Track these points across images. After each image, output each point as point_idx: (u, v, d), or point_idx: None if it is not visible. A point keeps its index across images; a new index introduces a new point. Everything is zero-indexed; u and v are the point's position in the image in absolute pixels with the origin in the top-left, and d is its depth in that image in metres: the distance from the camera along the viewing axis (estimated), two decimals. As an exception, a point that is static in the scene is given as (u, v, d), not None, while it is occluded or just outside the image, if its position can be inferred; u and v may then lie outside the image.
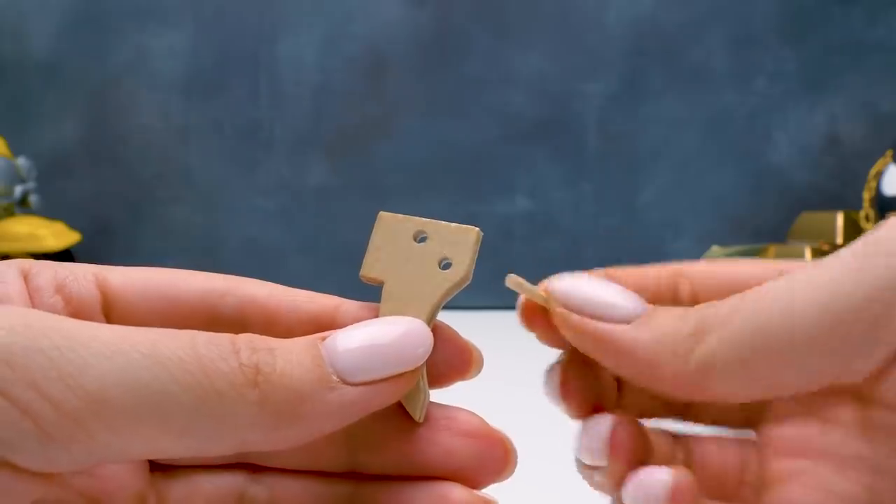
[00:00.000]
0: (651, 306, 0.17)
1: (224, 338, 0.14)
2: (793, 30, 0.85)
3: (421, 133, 0.85)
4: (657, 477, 0.17)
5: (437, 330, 0.18)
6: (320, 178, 0.85)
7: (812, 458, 0.19)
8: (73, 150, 0.85)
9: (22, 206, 0.76)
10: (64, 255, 0.75)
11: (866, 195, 0.71)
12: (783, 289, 0.16)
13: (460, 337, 0.18)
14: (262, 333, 0.17)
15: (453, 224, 0.18)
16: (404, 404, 0.17)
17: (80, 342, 0.13)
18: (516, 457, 0.17)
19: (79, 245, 0.78)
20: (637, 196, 0.86)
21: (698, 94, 0.86)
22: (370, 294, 0.18)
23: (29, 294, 0.16)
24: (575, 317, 0.17)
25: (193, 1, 0.84)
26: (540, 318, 0.18)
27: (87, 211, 0.85)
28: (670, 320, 0.17)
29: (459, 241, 0.18)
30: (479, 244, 0.18)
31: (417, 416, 0.17)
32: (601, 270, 0.20)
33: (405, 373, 0.16)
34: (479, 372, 0.18)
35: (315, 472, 0.18)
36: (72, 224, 0.78)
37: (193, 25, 0.84)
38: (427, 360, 0.17)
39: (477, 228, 0.18)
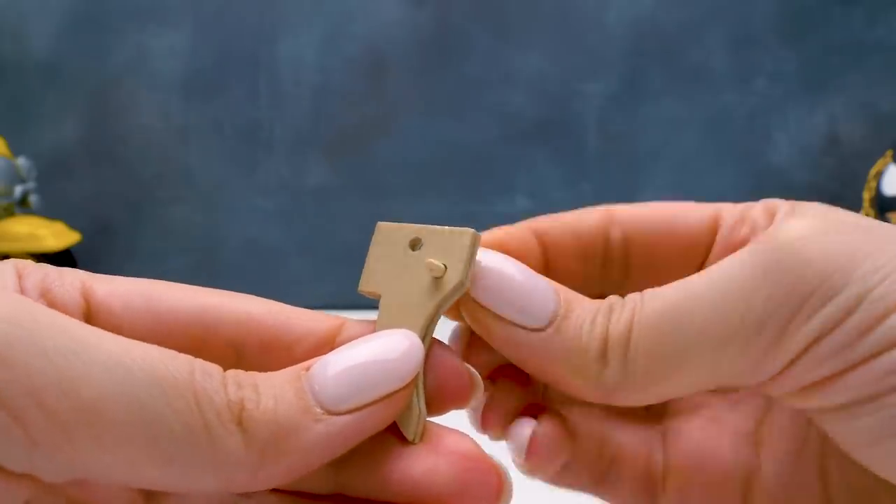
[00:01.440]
0: (564, 304, 0.17)
1: (216, 369, 0.14)
2: (793, 30, 0.85)
3: (421, 133, 0.85)
4: (522, 428, 0.18)
5: (435, 351, 0.17)
6: (320, 178, 0.85)
7: (711, 392, 0.20)
8: (73, 150, 0.85)
9: (22, 206, 0.76)
10: (64, 255, 0.75)
11: (866, 195, 0.71)
12: (684, 305, 0.16)
13: (458, 361, 0.17)
14: (258, 353, 0.17)
15: (448, 228, 0.17)
16: (398, 423, 0.16)
17: (83, 346, 0.13)
18: (510, 488, 0.16)
19: (79, 245, 0.78)
20: (637, 196, 0.86)
21: (698, 94, 0.86)
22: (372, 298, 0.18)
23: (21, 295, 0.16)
24: (488, 316, 0.17)
25: (193, 1, 0.84)
26: None
27: (87, 211, 0.85)
28: (580, 333, 0.17)
29: (454, 245, 0.17)
30: (477, 247, 0.17)
31: (411, 436, 0.16)
32: (530, 222, 0.20)
33: (394, 393, 0.15)
34: (479, 400, 0.17)
35: (303, 493, 0.17)
36: (72, 224, 0.78)
37: (193, 25, 0.84)
38: (424, 380, 0.16)
39: (472, 230, 0.17)
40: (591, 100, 0.85)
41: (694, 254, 0.20)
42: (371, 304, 0.18)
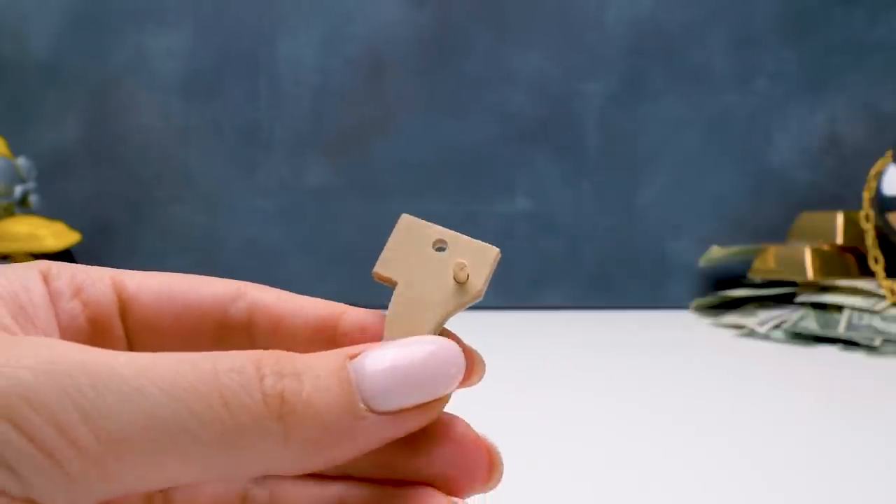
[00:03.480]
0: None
1: (248, 362, 0.14)
2: (793, 30, 0.85)
3: (421, 133, 0.85)
4: None
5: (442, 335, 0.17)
6: (320, 178, 0.85)
7: None
8: (73, 150, 0.85)
9: (22, 206, 0.76)
10: (64, 255, 0.75)
11: (866, 195, 0.71)
12: None
13: (465, 345, 0.18)
14: (267, 337, 0.18)
15: (475, 240, 0.18)
16: None
17: (101, 379, 0.13)
18: (502, 467, 0.16)
19: (79, 245, 0.78)
20: (637, 196, 0.86)
21: (699, 94, 0.86)
22: (370, 294, 0.18)
23: (50, 297, 0.16)
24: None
25: (193, 1, 0.84)
26: None
27: (87, 211, 0.85)
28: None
29: (478, 257, 0.17)
30: (497, 264, 0.18)
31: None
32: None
33: (436, 401, 0.15)
34: (481, 379, 0.18)
35: (311, 474, 0.18)
36: (72, 224, 0.78)
37: (193, 26, 0.84)
38: None
39: (497, 249, 0.18)
40: (591, 100, 0.85)
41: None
42: (370, 305, 0.18)
